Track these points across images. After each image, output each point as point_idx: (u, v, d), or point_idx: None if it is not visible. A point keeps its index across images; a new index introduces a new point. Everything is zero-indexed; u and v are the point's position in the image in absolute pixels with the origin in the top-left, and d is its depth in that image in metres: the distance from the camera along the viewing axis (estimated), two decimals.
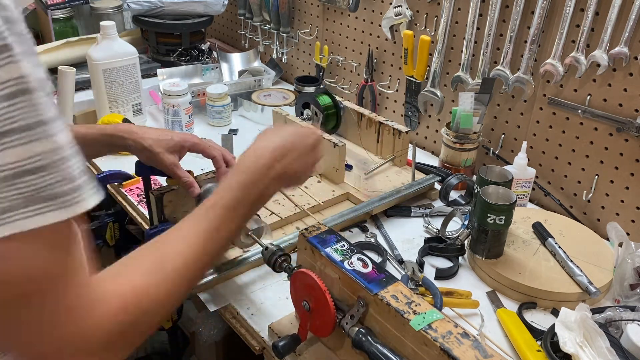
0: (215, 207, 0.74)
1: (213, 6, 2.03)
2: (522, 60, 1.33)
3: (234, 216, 0.76)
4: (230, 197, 0.77)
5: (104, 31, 1.58)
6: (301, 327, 0.89)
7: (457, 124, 1.40)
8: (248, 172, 0.80)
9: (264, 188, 0.81)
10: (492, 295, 1.08)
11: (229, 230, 0.75)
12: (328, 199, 1.31)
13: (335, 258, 0.85)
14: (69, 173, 0.49)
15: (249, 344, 1.00)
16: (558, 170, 1.36)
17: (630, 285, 1.03)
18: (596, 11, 1.18)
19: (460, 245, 1.18)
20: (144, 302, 0.58)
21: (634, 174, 1.21)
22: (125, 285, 0.57)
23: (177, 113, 1.64)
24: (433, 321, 0.74)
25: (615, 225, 1.17)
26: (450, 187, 1.33)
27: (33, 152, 0.46)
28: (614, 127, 1.22)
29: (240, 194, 0.78)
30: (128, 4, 1.95)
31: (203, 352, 1.73)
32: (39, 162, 0.46)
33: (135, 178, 1.36)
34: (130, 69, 1.63)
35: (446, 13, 1.45)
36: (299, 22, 1.99)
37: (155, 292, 0.60)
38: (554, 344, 0.90)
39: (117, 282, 0.57)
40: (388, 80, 1.72)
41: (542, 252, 1.14)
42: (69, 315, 0.51)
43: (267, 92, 1.91)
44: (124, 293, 0.56)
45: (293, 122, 0.87)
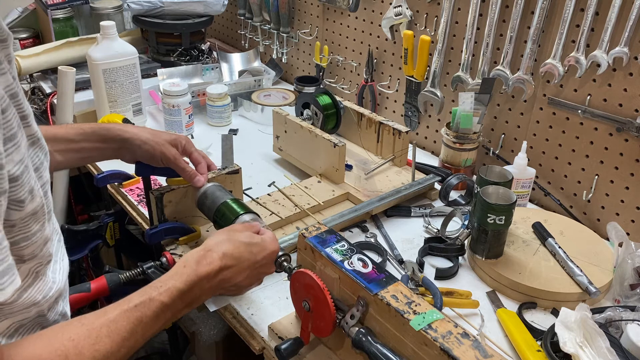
0: (149, 304, 0.73)
1: (213, 6, 2.02)
2: (522, 60, 1.33)
3: (162, 318, 0.74)
4: (160, 302, 0.74)
5: (104, 31, 1.58)
6: (303, 330, 0.89)
7: (457, 124, 1.40)
8: (188, 280, 0.78)
9: (198, 296, 0.80)
10: (492, 295, 1.08)
11: (154, 328, 0.73)
12: (328, 199, 1.31)
13: (335, 258, 0.85)
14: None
15: (249, 344, 1.00)
16: (558, 170, 1.36)
17: (630, 285, 1.03)
18: (596, 11, 1.18)
19: (460, 245, 1.18)
20: None
21: (634, 174, 1.21)
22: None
23: (177, 113, 1.64)
24: (433, 321, 0.74)
25: (615, 225, 1.17)
26: (450, 187, 1.33)
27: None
28: (614, 127, 1.22)
29: (175, 300, 0.76)
30: (128, 4, 1.95)
31: (203, 352, 1.73)
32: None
33: (135, 178, 1.36)
34: (130, 69, 1.63)
35: (446, 13, 1.45)
36: (299, 22, 1.99)
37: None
38: (554, 344, 0.90)
39: None
40: (388, 80, 1.72)
41: (542, 252, 1.14)
42: None
43: (267, 92, 1.91)
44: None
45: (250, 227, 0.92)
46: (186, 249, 1.13)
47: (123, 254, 1.56)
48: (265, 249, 0.89)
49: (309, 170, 1.45)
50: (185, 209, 1.15)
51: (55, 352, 0.61)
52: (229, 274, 0.84)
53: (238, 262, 0.85)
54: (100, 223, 1.37)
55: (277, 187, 1.35)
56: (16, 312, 0.66)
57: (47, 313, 0.70)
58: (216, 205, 1.04)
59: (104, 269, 1.04)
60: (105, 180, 1.33)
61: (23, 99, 0.63)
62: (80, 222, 1.96)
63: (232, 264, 0.84)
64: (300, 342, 0.88)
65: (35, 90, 1.87)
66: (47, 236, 0.66)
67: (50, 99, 1.77)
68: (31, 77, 1.91)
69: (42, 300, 0.68)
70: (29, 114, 0.65)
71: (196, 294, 0.79)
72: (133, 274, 1.03)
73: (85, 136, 1.04)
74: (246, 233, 0.90)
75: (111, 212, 1.39)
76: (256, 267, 0.88)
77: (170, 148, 1.07)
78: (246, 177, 1.31)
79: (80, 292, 0.95)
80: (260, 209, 1.25)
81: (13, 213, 0.60)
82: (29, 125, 0.65)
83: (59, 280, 0.72)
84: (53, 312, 0.72)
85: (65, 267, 0.75)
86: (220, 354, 1.71)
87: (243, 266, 0.85)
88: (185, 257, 0.82)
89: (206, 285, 0.81)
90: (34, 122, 0.67)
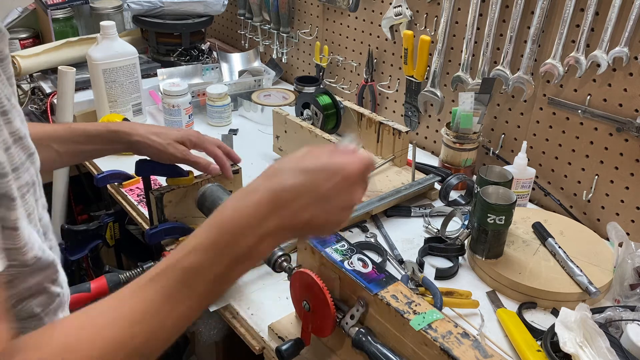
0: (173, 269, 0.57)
1: (213, 6, 2.02)
2: (522, 60, 1.33)
3: (196, 285, 0.57)
4: (195, 259, 0.58)
5: (104, 31, 1.58)
6: (304, 331, 0.89)
7: (457, 124, 1.40)
8: (223, 228, 0.60)
9: (251, 246, 0.60)
10: (492, 295, 1.08)
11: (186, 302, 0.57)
12: None
13: (335, 258, 0.85)
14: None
15: (249, 344, 1.00)
16: (558, 170, 1.36)
17: (630, 285, 1.03)
18: (596, 11, 1.18)
19: (460, 245, 1.18)
20: None
21: (634, 174, 1.21)
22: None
23: (177, 113, 1.64)
24: (433, 321, 0.74)
25: (615, 225, 1.17)
26: (450, 187, 1.33)
27: None
28: (614, 127, 1.22)
29: (207, 258, 0.58)
30: (128, 4, 1.95)
31: (203, 352, 1.73)
32: None
33: (135, 178, 1.36)
34: (130, 69, 1.63)
35: (446, 13, 1.45)
36: (299, 22, 1.99)
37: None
38: (554, 344, 0.90)
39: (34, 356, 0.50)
40: (388, 80, 1.72)
41: (542, 252, 1.14)
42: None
43: (267, 92, 1.91)
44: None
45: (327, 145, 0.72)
46: None
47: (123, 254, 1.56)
48: (336, 169, 0.64)
49: None
50: (185, 209, 1.15)
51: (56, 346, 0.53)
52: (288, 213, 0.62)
53: (296, 196, 0.62)
54: (100, 223, 1.37)
55: None
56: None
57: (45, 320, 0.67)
58: (216, 206, 1.04)
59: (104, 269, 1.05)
60: (105, 180, 1.33)
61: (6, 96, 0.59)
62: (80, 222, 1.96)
63: (288, 199, 0.62)
64: (301, 343, 0.88)
65: (35, 90, 1.87)
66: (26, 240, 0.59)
67: (50, 99, 1.78)
68: (31, 77, 1.91)
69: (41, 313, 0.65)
70: (10, 110, 0.59)
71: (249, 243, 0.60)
72: (133, 274, 1.03)
73: (92, 139, 1.04)
74: (308, 156, 0.66)
75: (111, 212, 1.39)
76: (328, 198, 0.63)
77: (177, 146, 1.07)
78: (246, 177, 1.31)
79: (80, 292, 0.95)
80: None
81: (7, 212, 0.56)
82: (9, 122, 0.59)
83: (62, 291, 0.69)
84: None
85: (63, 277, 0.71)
86: (220, 354, 1.71)
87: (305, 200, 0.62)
88: (225, 201, 0.64)
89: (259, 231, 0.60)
90: (19, 120, 0.62)
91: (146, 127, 1.08)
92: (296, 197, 0.62)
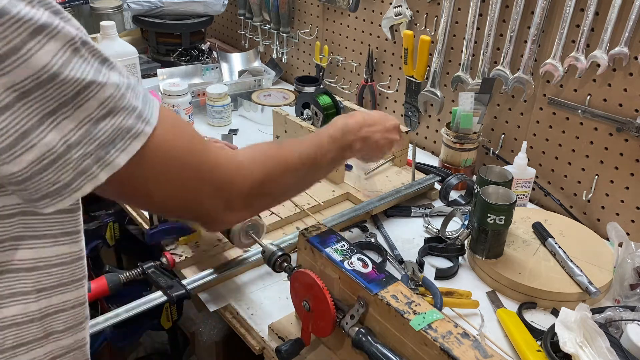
0: (321, 134, 0.88)
1: (213, 6, 2.03)
2: (522, 60, 1.33)
3: (332, 148, 0.87)
4: (329, 132, 0.89)
5: (104, 31, 1.58)
6: (304, 331, 0.89)
7: (457, 124, 1.40)
8: (344, 124, 0.92)
9: (352, 142, 0.92)
10: (492, 295, 1.08)
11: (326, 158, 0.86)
12: (328, 199, 1.31)
13: (335, 258, 0.85)
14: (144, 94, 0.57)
15: (249, 344, 1.00)
16: (558, 170, 1.36)
17: (630, 285, 1.03)
18: (596, 11, 1.18)
19: (460, 245, 1.18)
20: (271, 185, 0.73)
21: (634, 174, 1.21)
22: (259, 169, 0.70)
23: (177, 113, 1.64)
24: (433, 321, 0.74)
25: (615, 225, 1.17)
26: (450, 187, 1.33)
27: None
28: (614, 127, 1.22)
29: (339, 135, 0.90)
30: (128, 4, 1.95)
31: (203, 352, 1.73)
32: None
33: None
34: (130, 69, 1.63)
35: (446, 13, 1.45)
36: (299, 22, 1.99)
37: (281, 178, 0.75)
38: (554, 344, 0.90)
39: (255, 161, 0.71)
40: (388, 80, 1.72)
41: (542, 252, 1.14)
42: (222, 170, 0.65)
43: (267, 92, 1.91)
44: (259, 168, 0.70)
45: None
46: (186, 249, 1.13)
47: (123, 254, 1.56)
48: (390, 118, 1.05)
49: None
50: None
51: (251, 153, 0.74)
52: (371, 130, 0.97)
53: (375, 122, 0.99)
54: (100, 223, 1.37)
55: None
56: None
57: None
58: None
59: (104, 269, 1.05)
60: None
61: None
62: None
63: (371, 123, 0.98)
64: (301, 343, 0.88)
65: None
66: None
67: None
68: None
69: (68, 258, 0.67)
70: None
71: (352, 139, 0.92)
72: (133, 274, 1.03)
73: None
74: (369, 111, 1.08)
75: (111, 212, 1.39)
76: (388, 130, 1.02)
77: None
78: None
79: None
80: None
81: None
82: None
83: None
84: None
85: None
86: (220, 354, 1.71)
87: (379, 127, 0.99)
88: (335, 118, 0.95)
89: (359, 134, 0.94)
90: None
91: None
92: (375, 123, 0.99)
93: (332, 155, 0.88)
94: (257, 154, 0.73)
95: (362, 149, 0.96)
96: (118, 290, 1.01)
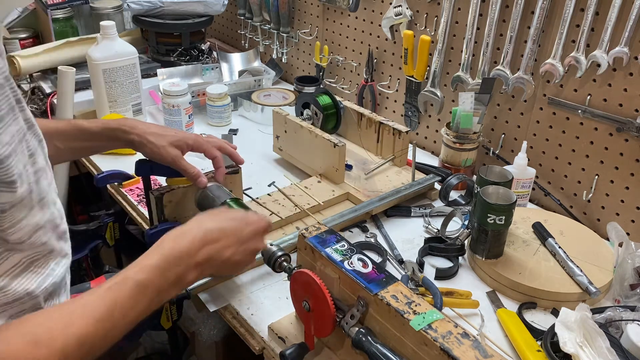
0: (126, 282, 0.70)
1: (213, 6, 2.02)
2: (522, 60, 1.33)
3: (141, 298, 0.70)
4: (134, 280, 0.70)
5: (104, 31, 1.58)
6: (307, 334, 0.89)
7: (457, 124, 1.40)
8: (164, 255, 0.74)
9: (182, 274, 0.75)
10: (492, 295, 1.08)
11: (135, 309, 0.70)
12: (328, 199, 1.31)
13: (335, 258, 0.85)
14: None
15: (249, 344, 1.00)
16: (558, 170, 1.36)
17: (630, 285, 1.03)
18: (596, 11, 1.18)
19: (460, 245, 1.18)
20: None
21: (634, 174, 1.21)
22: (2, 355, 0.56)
23: (177, 113, 1.64)
24: (433, 321, 0.74)
25: (615, 225, 1.17)
26: (450, 187, 1.33)
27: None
28: (614, 127, 1.22)
29: (152, 277, 0.72)
30: (128, 4, 1.95)
31: (203, 352, 1.73)
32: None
33: (135, 178, 1.36)
34: (130, 69, 1.63)
35: (446, 13, 1.45)
36: (299, 22, 1.99)
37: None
38: (554, 344, 0.90)
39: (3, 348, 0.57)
40: (388, 80, 1.72)
41: (542, 252, 1.14)
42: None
43: (267, 92, 1.91)
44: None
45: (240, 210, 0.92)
46: None
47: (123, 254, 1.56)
48: (252, 222, 0.86)
49: (309, 170, 1.45)
50: (185, 209, 1.15)
51: (24, 337, 0.59)
52: (214, 249, 0.79)
53: (222, 236, 0.81)
54: (100, 223, 1.37)
55: (277, 187, 1.35)
56: (12, 303, 0.65)
57: (44, 305, 0.70)
58: (216, 206, 1.04)
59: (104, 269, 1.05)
60: (105, 180, 1.34)
61: (15, 85, 0.64)
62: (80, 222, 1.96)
63: (216, 238, 0.80)
64: (305, 348, 0.88)
65: (35, 90, 1.87)
66: (37, 223, 0.66)
67: (50, 99, 1.78)
68: (31, 77, 1.91)
69: (37, 290, 0.68)
70: (22, 98, 0.66)
71: (179, 272, 0.75)
72: None
73: (91, 135, 1.06)
74: (230, 211, 0.87)
75: (111, 212, 1.39)
76: (244, 242, 0.84)
77: (170, 150, 1.06)
78: (246, 177, 1.31)
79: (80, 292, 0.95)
80: (260, 209, 1.25)
81: (3, 195, 0.60)
82: (23, 109, 0.65)
83: (57, 273, 0.72)
84: (49, 306, 0.71)
85: (65, 262, 0.75)
86: (220, 354, 1.71)
87: (229, 241, 0.82)
88: (163, 237, 0.78)
89: (190, 261, 0.76)
90: (27, 107, 0.67)
91: (145, 126, 1.08)
92: (222, 237, 0.81)
93: (146, 304, 0.71)
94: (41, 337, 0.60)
95: (201, 276, 0.80)
96: None
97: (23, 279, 0.66)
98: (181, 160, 1.07)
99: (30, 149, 0.66)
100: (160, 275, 0.73)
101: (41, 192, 0.68)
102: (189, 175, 1.07)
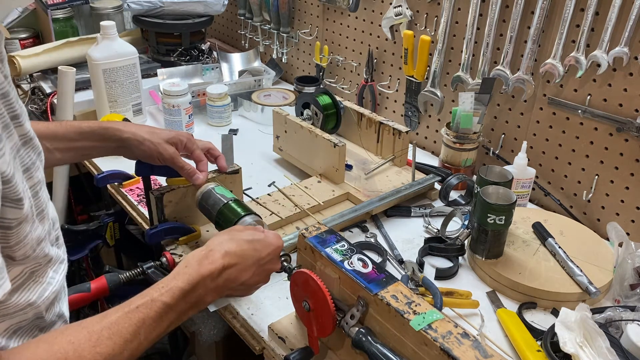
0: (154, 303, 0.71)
1: (213, 6, 2.02)
2: (522, 60, 1.33)
3: (164, 320, 0.73)
4: (162, 302, 0.72)
5: (104, 31, 1.58)
6: (311, 338, 0.89)
7: (457, 124, 1.40)
8: (189, 278, 0.76)
9: (202, 297, 0.78)
10: (492, 295, 1.08)
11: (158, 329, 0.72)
12: (328, 199, 1.31)
13: (335, 258, 0.85)
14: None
15: (249, 344, 1.00)
16: (558, 170, 1.36)
17: (630, 285, 1.03)
18: (596, 11, 1.18)
19: (460, 245, 1.18)
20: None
21: (634, 174, 1.21)
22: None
23: (177, 113, 1.64)
24: (433, 321, 0.74)
25: (615, 225, 1.17)
26: (450, 187, 1.33)
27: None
28: (614, 127, 1.22)
29: (177, 300, 0.74)
30: (128, 4, 1.95)
31: (203, 352, 1.73)
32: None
33: (135, 178, 1.36)
34: (130, 69, 1.63)
35: (446, 13, 1.45)
36: (299, 22, 1.99)
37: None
38: (554, 344, 0.90)
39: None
40: (388, 80, 1.72)
41: (542, 252, 1.14)
42: None
43: (267, 92, 1.91)
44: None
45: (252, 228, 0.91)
46: (186, 249, 1.13)
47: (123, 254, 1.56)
48: (269, 245, 0.88)
49: (309, 170, 1.45)
50: (185, 209, 1.15)
51: (55, 355, 0.60)
52: (234, 272, 0.82)
53: (242, 260, 0.83)
54: (100, 223, 1.37)
55: (277, 187, 1.35)
56: (12, 314, 0.66)
57: (45, 314, 0.70)
58: (218, 207, 1.04)
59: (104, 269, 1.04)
60: (105, 180, 1.34)
61: (15, 98, 0.63)
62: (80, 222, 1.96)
63: (235, 262, 0.82)
64: (310, 352, 0.88)
65: (35, 90, 1.87)
66: (39, 237, 0.66)
67: (50, 99, 1.78)
68: (31, 77, 1.91)
69: (38, 301, 0.68)
70: (21, 113, 0.64)
71: (200, 294, 0.77)
72: (133, 274, 1.03)
73: (84, 135, 1.04)
74: (248, 231, 0.89)
75: (111, 212, 1.39)
76: (261, 264, 0.86)
77: (167, 147, 1.06)
78: (246, 177, 1.31)
79: (80, 292, 0.95)
80: (260, 209, 1.25)
81: (12, 212, 0.59)
82: (20, 124, 0.64)
83: (56, 281, 0.72)
84: (51, 314, 0.72)
85: (63, 268, 0.75)
86: (220, 354, 1.71)
87: (247, 264, 0.84)
88: (187, 258, 0.81)
89: (211, 284, 0.79)
90: (27, 121, 0.66)
91: (138, 126, 1.08)
92: (242, 261, 0.83)
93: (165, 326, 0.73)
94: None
95: (220, 295, 0.82)
96: (118, 290, 1.01)
97: (24, 292, 0.66)
98: (178, 158, 1.07)
99: (24, 164, 0.65)
100: (184, 298, 0.75)
101: (40, 205, 0.67)
102: (186, 173, 1.07)
